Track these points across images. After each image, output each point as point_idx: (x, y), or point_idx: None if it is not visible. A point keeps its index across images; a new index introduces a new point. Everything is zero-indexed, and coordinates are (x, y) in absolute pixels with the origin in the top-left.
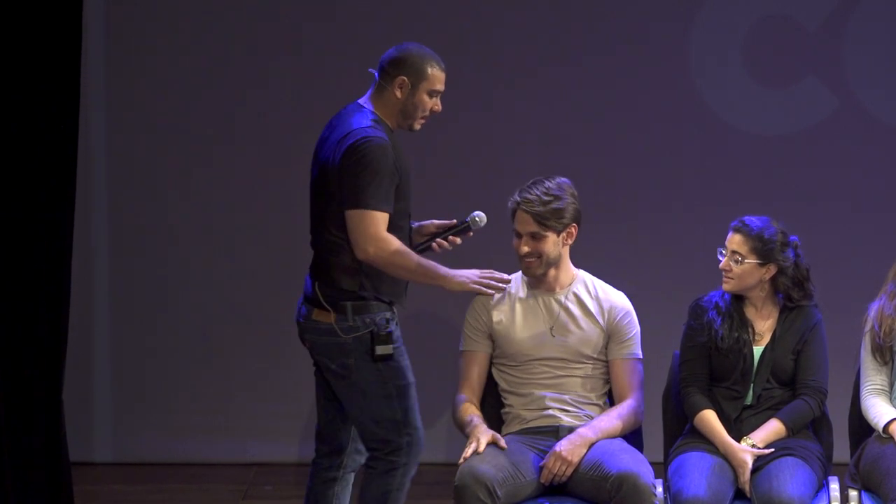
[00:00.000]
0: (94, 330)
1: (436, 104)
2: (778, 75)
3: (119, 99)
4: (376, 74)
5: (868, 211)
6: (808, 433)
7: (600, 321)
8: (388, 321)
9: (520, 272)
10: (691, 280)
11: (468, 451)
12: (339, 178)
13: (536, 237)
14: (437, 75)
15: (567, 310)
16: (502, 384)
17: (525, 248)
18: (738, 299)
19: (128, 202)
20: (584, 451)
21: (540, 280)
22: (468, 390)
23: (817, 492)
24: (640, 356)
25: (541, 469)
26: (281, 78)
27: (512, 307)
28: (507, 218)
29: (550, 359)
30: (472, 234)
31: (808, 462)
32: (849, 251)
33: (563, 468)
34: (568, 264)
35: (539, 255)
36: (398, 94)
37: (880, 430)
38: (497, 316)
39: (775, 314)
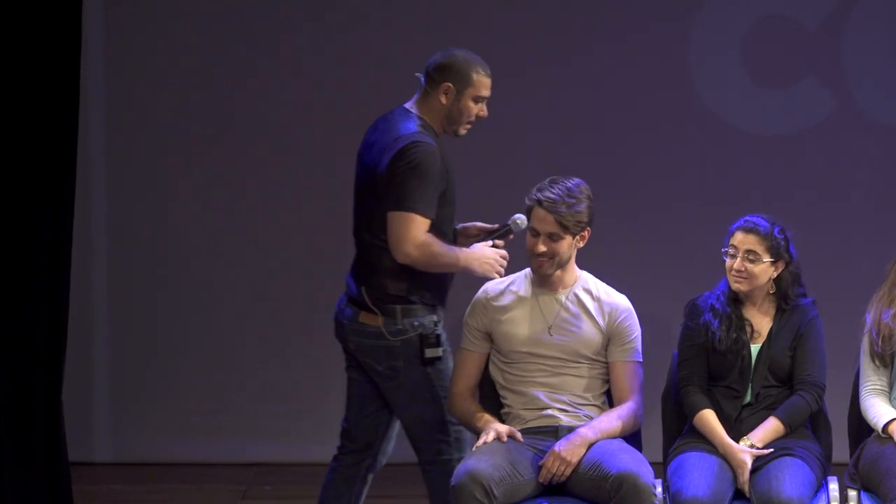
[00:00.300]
0: (94, 330)
1: (481, 110)
2: (777, 75)
3: (119, 99)
4: (422, 79)
5: (867, 211)
6: (807, 433)
7: (600, 322)
8: (435, 324)
9: (526, 270)
10: (691, 280)
11: (489, 437)
12: (387, 182)
13: (554, 238)
14: (482, 81)
15: (567, 310)
16: (499, 381)
17: (542, 248)
18: (735, 298)
19: (127, 202)
20: (584, 451)
21: (544, 279)
22: (464, 386)
23: (816, 492)
24: (641, 359)
25: (539, 468)
26: (280, 77)
27: (512, 304)
28: (500, 216)
29: (547, 357)
30: (512, 236)
31: (806, 462)
32: (848, 251)
33: (563, 468)
34: (573, 265)
35: (553, 256)
36: (443, 99)
37: (879, 430)
38: (496, 313)
39: (772, 311)
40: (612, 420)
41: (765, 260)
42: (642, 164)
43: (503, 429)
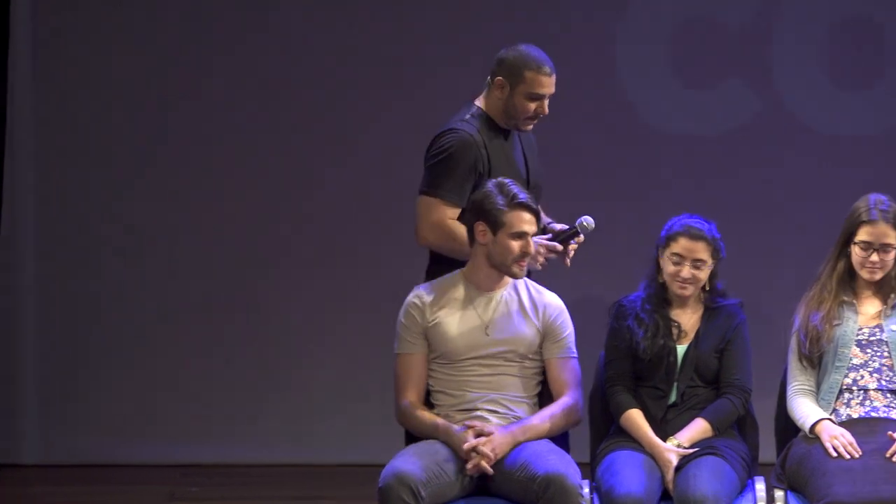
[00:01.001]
0: (21, 331)
1: (539, 107)
2: (703, 77)
3: (48, 107)
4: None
5: (794, 212)
6: (734, 433)
7: (535, 321)
8: None
9: (458, 270)
10: (615, 279)
11: (479, 465)
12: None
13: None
14: (534, 79)
15: (502, 309)
16: (434, 384)
17: (531, 249)
18: (661, 298)
19: (56, 203)
20: (509, 449)
21: (478, 279)
22: (413, 394)
23: (740, 491)
24: (575, 354)
25: (466, 455)
26: (211, 85)
27: (447, 305)
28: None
29: (484, 357)
30: (582, 238)
31: (729, 461)
32: (773, 251)
33: (490, 456)
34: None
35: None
36: (498, 93)
37: (807, 430)
38: (432, 314)
39: (700, 311)
40: (543, 419)
41: (710, 264)
42: (566, 164)
43: (487, 452)
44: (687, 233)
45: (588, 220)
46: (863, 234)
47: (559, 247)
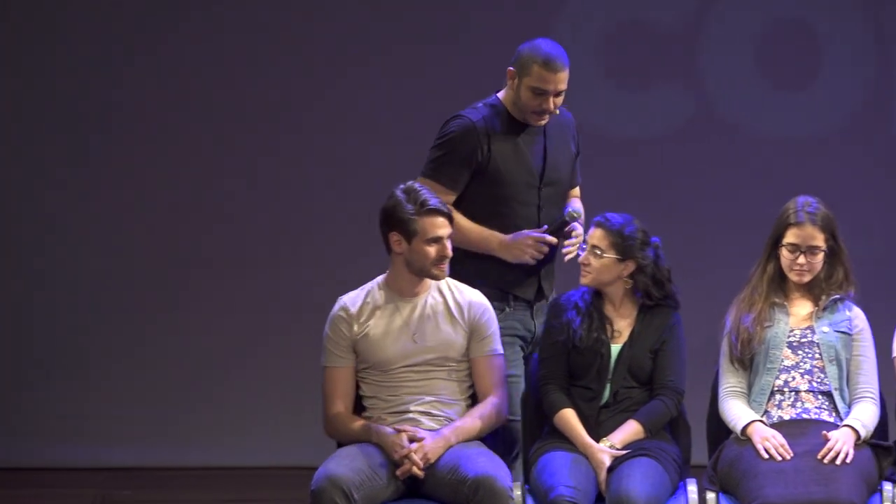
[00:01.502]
0: None
1: (544, 102)
2: (635, 79)
3: None
4: None
5: (728, 213)
6: (666, 434)
7: (461, 321)
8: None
9: (378, 279)
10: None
11: (411, 469)
12: None
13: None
14: (539, 73)
15: (427, 314)
16: (365, 391)
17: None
18: (598, 297)
19: None
20: (442, 452)
21: (399, 286)
22: (341, 405)
23: (672, 493)
24: (501, 352)
25: (399, 460)
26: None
27: (373, 316)
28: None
29: (415, 364)
30: (579, 231)
31: (660, 462)
32: (706, 253)
33: (421, 463)
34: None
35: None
36: (510, 84)
37: (738, 431)
38: (358, 327)
39: (634, 312)
40: (473, 420)
41: (608, 256)
42: None
43: (417, 461)
44: (594, 220)
45: (575, 209)
46: (790, 237)
47: (552, 239)
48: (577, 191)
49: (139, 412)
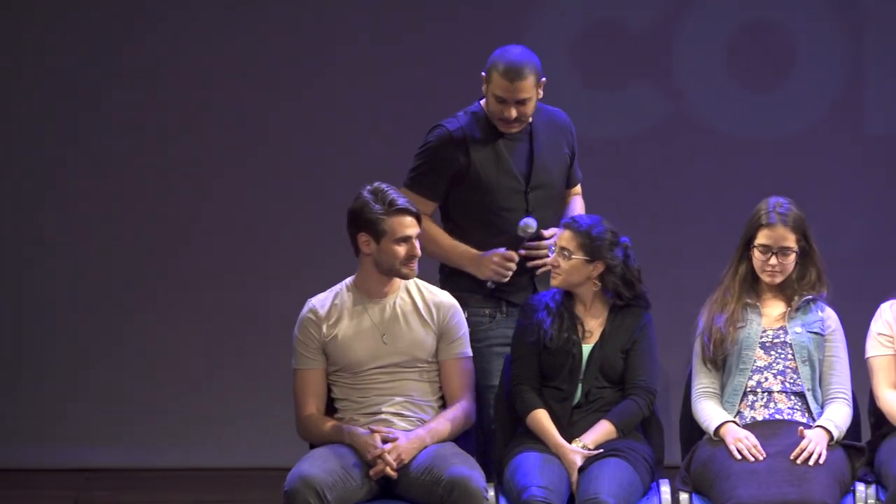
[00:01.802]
0: None
1: (505, 110)
2: (606, 79)
3: None
4: None
5: (696, 213)
6: (638, 434)
7: (430, 323)
8: (482, 317)
9: (346, 280)
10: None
11: (384, 469)
12: None
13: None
14: (497, 82)
15: (397, 315)
16: (337, 393)
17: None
18: (569, 298)
19: None
20: (416, 452)
21: (368, 287)
22: (313, 407)
23: (643, 493)
24: (470, 354)
25: (373, 461)
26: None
27: (343, 318)
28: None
29: (385, 366)
30: (541, 247)
31: (631, 463)
32: (678, 253)
33: (395, 463)
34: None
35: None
36: (483, 90)
37: (711, 432)
38: (328, 329)
39: (605, 313)
40: (445, 422)
41: (576, 257)
42: None
43: (391, 461)
44: (563, 223)
45: (527, 222)
46: (762, 238)
47: (514, 255)
48: (577, 189)
49: (115, 413)
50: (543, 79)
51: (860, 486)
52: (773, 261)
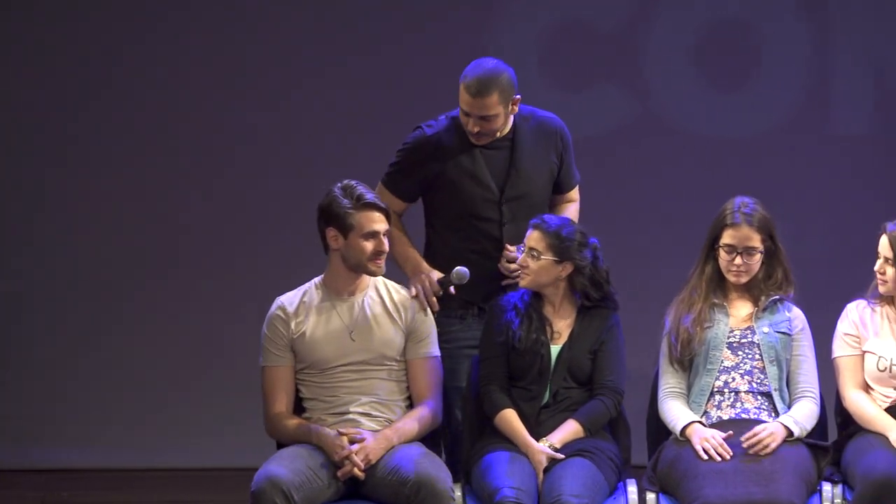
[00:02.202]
0: None
1: (468, 123)
2: (576, 79)
3: None
4: None
5: (665, 213)
6: (605, 434)
7: (399, 321)
8: (453, 318)
9: (315, 279)
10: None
11: (352, 470)
12: None
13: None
14: (462, 95)
15: (365, 313)
16: (305, 393)
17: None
18: (537, 298)
19: None
20: (383, 452)
21: (337, 285)
22: (282, 405)
23: (609, 493)
24: (438, 354)
25: (340, 461)
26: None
27: (311, 315)
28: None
29: (353, 363)
30: (452, 288)
31: (596, 463)
32: (647, 253)
33: (363, 464)
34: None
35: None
36: None
37: (678, 432)
38: (295, 325)
39: (573, 314)
40: (412, 422)
41: (545, 258)
42: None
43: (358, 462)
44: (532, 223)
45: (460, 271)
46: (727, 238)
47: (439, 291)
48: (573, 194)
49: (78, 414)
50: (517, 96)
51: (827, 486)
52: (739, 261)
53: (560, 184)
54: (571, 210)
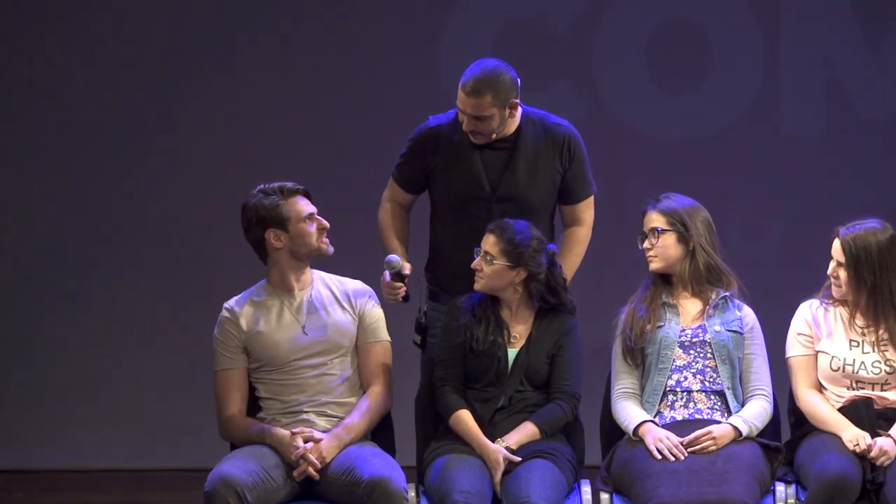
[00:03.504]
0: None
1: (464, 121)
2: (527, 79)
3: None
4: None
5: (617, 215)
6: (560, 436)
7: (349, 308)
8: (441, 313)
9: (259, 283)
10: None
11: (305, 471)
12: None
13: None
14: (459, 93)
15: (314, 305)
16: (262, 392)
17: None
18: (495, 302)
19: None
20: (336, 452)
21: (283, 283)
22: (235, 408)
23: (568, 494)
24: (388, 339)
25: (295, 461)
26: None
27: (261, 315)
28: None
29: (308, 356)
30: (393, 278)
31: (557, 465)
32: (599, 255)
33: (318, 463)
34: (306, 266)
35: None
36: None
37: (631, 432)
38: (247, 326)
39: (531, 318)
40: (362, 416)
41: (498, 262)
42: (387, 166)
43: (314, 461)
44: (489, 227)
45: (387, 260)
46: (642, 227)
47: (394, 284)
48: (582, 209)
49: (30, 414)
50: (515, 100)
51: (780, 486)
52: (647, 244)
53: (566, 193)
54: (578, 237)
